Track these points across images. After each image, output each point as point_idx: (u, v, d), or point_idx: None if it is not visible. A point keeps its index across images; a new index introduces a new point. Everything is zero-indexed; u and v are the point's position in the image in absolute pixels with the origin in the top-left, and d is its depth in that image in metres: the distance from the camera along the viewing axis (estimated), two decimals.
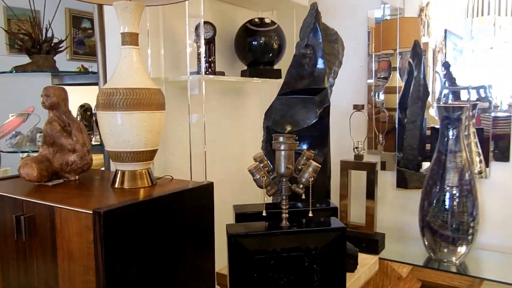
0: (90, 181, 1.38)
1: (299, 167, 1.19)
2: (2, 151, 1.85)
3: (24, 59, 2.20)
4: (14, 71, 1.77)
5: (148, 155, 1.26)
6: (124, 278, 1.04)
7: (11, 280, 1.25)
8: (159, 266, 1.15)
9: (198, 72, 1.73)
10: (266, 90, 2.26)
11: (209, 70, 1.80)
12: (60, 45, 1.91)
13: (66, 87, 1.98)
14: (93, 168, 1.64)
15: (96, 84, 1.98)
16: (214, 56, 1.80)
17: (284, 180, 1.15)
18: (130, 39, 1.25)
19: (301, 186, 1.15)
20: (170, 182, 1.34)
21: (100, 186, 1.32)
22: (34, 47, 1.78)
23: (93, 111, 2.06)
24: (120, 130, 1.21)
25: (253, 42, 2.04)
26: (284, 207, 1.14)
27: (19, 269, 1.22)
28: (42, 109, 1.40)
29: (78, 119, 2.05)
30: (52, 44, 1.85)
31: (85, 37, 5.08)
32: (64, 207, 1.06)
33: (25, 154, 1.84)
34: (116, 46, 1.67)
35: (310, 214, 1.15)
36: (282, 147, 1.12)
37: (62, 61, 2.39)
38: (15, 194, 1.20)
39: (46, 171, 1.31)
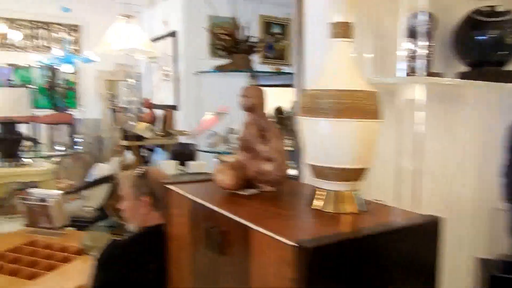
0: (286, 195, 1.22)
1: None
2: (200, 150, 1.86)
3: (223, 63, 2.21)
4: (214, 70, 1.75)
5: (357, 174, 1.03)
6: None
7: None
8: None
9: (409, 73, 1.43)
10: (491, 97, 1.81)
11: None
12: (257, 45, 1.83)
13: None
14: None
15: (289, 85, 1.84)
16: (432, 54, 1.48)
17: None
18: (342, 30, 1.03)
19: None
20: (381, 209, 1.08)
21: (297, 204, 1.14)
22: (234, 46, 1.72)
23: (283, 113, 1.94)
24: (325, 141, 1.00)
25: (480, 37, 1.64)
26: None
27: (209, 284, 1.12)
28: (238, 108, 1.30)
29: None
30: (250, 44, 1.77)
31: (274, 41, 5.23)
32: (260, 230, 0.90)
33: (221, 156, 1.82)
34: (317, 44, 1.50)
35: None
36: None
37: (254, 64, 2.37)
38: (209, 201, 1.11)
39: (241, 179, 1.19)
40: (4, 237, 2.79)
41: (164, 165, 3.26)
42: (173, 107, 4.95)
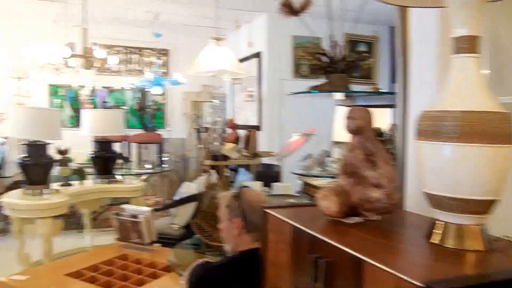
0: (395, 226, 1.12)
1: None
2: (295, 173, 1.80)
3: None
4: (311, 91, 1.70)
5: (486, 206, 0.90)
6: None
7: None
8: None
9: None
10: None
11: None
12: (356, 64, 1.76)
13: None
14: None
15: (386, 106, 1.73)
16: None
17: None
18: (469, 44, 0.92)
19: None
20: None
21: (409, 235, 1.03)
22: (330, 66, 1.66)
23: (382, 135, 1.82)
24: (449, 168, 0.89)
25: None
26: None
27: None
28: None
29: None
30: (347, 62, 1.70)
31: (359, 60, 5.10)
32: (377, 264, 0.81)
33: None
34: (424, 61, 1.39)
35: None
36: None
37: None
38: (312, 228, 1.04)
39: (346, 206, 1.11)
40: (98, 250, 2.94)
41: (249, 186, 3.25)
42: (256, 128, 4.98)
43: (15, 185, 3.98)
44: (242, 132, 5.33)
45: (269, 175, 3.35)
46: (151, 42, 5.62)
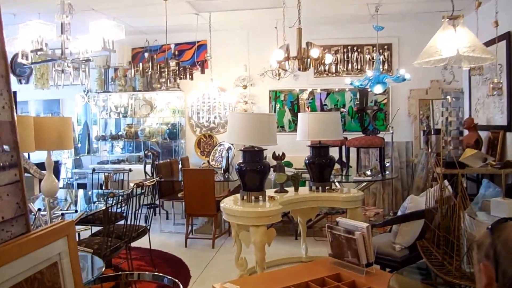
0: None
1: None
2: None
3: None
4: None
5: None
6: None
7: None
8: None
9: None
10: None
11: None
12: None
13: None
14: None
15: None
16: None
17: None
18: None
19: None
20: None
21: None
22: None
23: None
24: None
25: None
26: None
27: None
28: None
29: None
30: None
31: None
32: None
33: None
34: None
35: None
36: None
37: None
38: None
39: None
40: (309, 265, 2.72)
41: (496, 203, 2.52)
42: (505, 128, 4.00)
43: (237, 189, 4.16)
44: (484, 134, 4.39)
45: None
46: (371, 37, 5.21)
